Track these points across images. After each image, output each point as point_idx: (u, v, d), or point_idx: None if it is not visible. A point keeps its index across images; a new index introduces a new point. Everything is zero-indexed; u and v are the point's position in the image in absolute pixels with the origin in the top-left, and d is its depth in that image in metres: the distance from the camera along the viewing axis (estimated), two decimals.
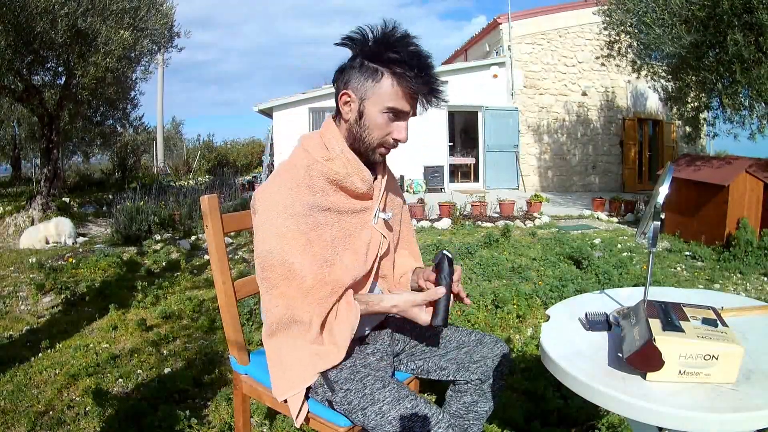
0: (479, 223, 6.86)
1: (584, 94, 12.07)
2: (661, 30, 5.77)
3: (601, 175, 12.40)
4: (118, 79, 7.43)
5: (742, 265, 4.34)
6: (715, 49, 5.60)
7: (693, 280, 3.99)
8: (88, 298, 3.42)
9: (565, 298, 1.95)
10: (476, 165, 12.31)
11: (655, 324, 0.88)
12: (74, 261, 4.32)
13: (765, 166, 4.98)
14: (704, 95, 6.33)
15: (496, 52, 11.90)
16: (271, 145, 11.72)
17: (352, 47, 1.10)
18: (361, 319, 1.09)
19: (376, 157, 1.15)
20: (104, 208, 7.56)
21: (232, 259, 4.66)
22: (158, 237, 5.46)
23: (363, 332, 1.22)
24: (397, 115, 1.10)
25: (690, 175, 5.48)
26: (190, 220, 6.26)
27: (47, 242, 5.53)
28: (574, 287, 3.37)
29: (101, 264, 4.21)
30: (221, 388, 2.12)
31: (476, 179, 12.29)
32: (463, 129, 14.51)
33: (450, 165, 11.90)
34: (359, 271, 1.15)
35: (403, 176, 10.75)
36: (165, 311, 3.10)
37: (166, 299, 3.43)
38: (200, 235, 5.73)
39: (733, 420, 0.76)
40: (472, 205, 7.51)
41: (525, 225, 6.77)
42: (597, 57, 9.55)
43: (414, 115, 1.13)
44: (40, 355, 2.52)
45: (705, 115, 6.90)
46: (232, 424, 1.83)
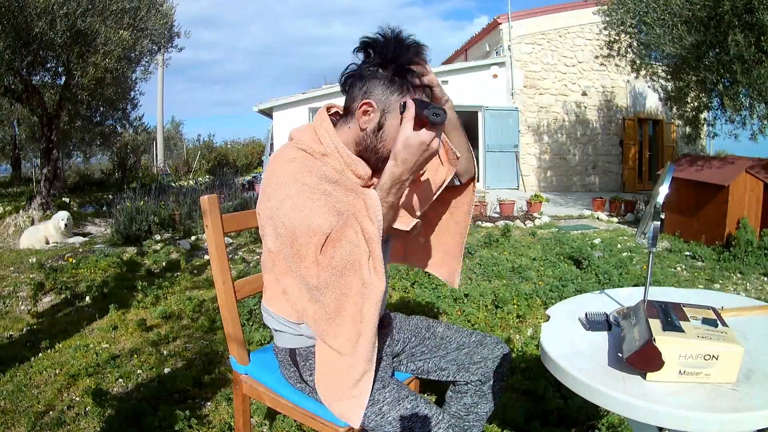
0: (479, 223, 6.85)
1: (584, 94, 12.06)
2: (662, 30, 5.78)
3: (601, 175, 12.39)
4: (118, 79, 7.41)
5: (742, 265, 4.34)
6: (716, 49, 5.60)
7: (693, 280, 3.99)
8: (88, 298, 3.42)
9: (565, 298, 1.95)
10: (476, 165, 12.29)
11: (655, 324, 0.88)
12: (74, 261, 4.32)
13: (765, 166, 4.98)
14: (704, 95, 6.34)
15: (496, 52, 11.90)
16: (271, 145, 11.73)
17: (371, 55, 1.08)
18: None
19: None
20: (104, 208, 7.55)
21: (232, 259, 4.66)
22: (158, 237, 5.46)
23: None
24: None
25: (690, 175, 5.47)
26: (190, 220, 6.25)
27: (47, 242, 5.53)
28: (574, 287, 3.37)
29: (101, 264, 4.21)
30: (221, 388, 2.12)
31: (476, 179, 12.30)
32: (463, 129, 14.50)
33: None
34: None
35: None
36: (165, 311, 3.10)
37: (166, 299, 3.43)
38: (200, 235, 5.73)
39: (733, 420, 0.76)
40: None
41: (525, 225, 6.76)
42: (597, 57, 9.54)
43: None
44: (40, 355, 2.52)
45: (705, 115, 6.90)
46: (232, 424, 1.83)
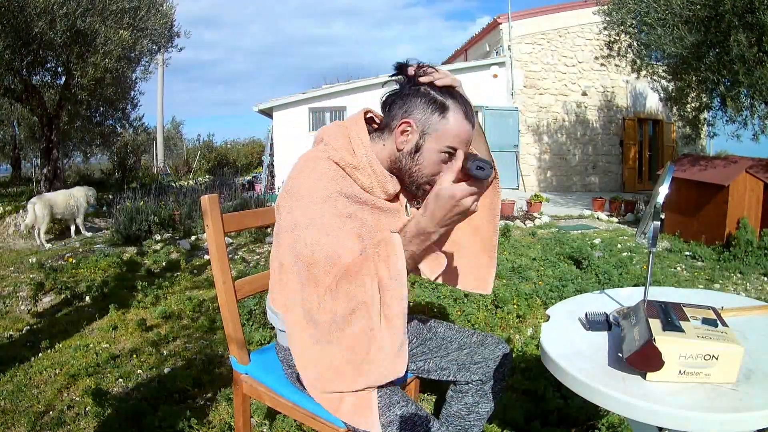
0: None
1: (584, 94, 12.06)
2: (663, 30, 5.77)
3: (601, 175, 12.39)
4: (118, 79, 7.42)
5: (742, 265, 4.34)
6: (716, 49, 5.60)
7: (693, 280, 3.99)
8: (88, 298, 3.42)
9: (565, 298, 1.95)
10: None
11: (655, 324, 0.88)
12: (74, 261, 4.32)
13: (765, 166, 4.98)
14: (705, 95, 6.34)
15: (496, 52, 11.89)
16: (271, 145, 11.72)
17: (403, 76, 1.05)
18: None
19: (419, 192, 1.09)
20: (104, 208, 7.55)
21: (232, 259, 4.66)
22: (158, 237, 5.45)
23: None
24: (451, 156, 1.03)
25: (690, 175, 5.47)
26: (190, 220, 6.24)
27: (47, 242, 5.53)
28: (574, 287, 3.37)
29: (101, 264, 4.21)
30: (221, 388, 2.12)
31: None
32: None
33: None
34: None
35: None
36: (165, 311, 3.10)
37: (166, 299, 3.43)
38: (200, 235, 5.73)
39: (733, 420, 0.76)
40: None
41: (525, 225, 6.76)
42: (597, 57, 9.54)
43: None
44: (40, 355, 2.52)
45: (705, 115, 6.90)
46: (232, 424, 1.83)
